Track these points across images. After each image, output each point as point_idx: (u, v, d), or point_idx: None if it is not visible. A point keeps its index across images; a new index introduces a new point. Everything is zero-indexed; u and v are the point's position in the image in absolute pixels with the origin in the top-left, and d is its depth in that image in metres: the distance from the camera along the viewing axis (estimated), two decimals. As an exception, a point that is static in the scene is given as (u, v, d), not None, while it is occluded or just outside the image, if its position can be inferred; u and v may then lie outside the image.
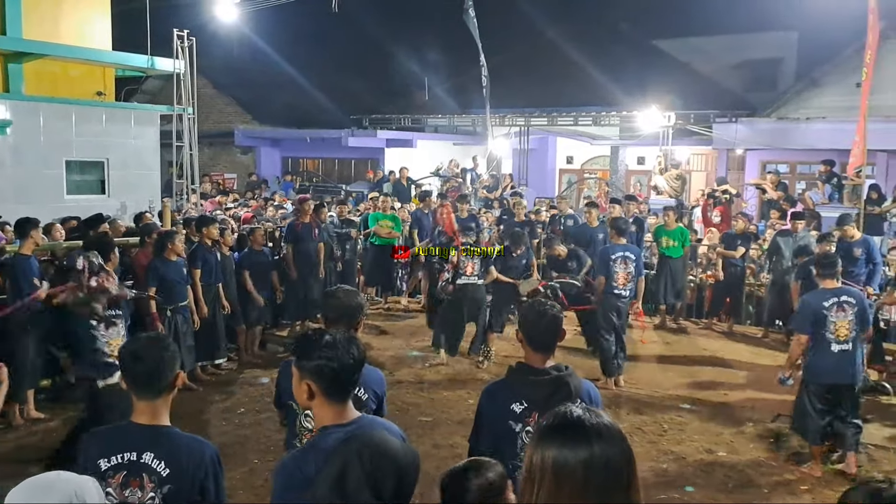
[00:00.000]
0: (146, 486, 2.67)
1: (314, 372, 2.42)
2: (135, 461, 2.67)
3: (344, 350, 2.45)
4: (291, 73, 23.32)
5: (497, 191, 16.85)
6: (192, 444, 2.76)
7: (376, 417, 2.73)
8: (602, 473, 1.66)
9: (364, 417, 2.57)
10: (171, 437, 2.74)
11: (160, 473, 2.67)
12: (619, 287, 8.23)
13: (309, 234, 10.07)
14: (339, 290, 3.53)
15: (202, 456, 2.73)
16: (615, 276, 8.21)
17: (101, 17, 14.20)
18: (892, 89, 15.41)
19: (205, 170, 20.51)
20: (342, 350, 2.44)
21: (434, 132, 23.35)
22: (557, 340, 3.21)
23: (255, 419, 7.28)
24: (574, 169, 23.61)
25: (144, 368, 2.71)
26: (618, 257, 8.24)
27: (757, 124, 17.59)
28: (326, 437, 2.42)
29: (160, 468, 2.67)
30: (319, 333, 2.52)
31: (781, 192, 14.57)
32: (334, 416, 2.47)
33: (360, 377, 3.12)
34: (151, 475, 2.67)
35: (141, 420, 2.74)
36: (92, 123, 13.09)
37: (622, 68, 20.78)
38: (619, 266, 8.21)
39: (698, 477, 6.12)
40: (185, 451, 2.71)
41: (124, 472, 2.67)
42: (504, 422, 3.13)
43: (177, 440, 2.74)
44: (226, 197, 16.65)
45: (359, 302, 3.46)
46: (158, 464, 2.67)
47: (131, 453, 2.68)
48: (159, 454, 2.68)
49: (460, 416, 7.14)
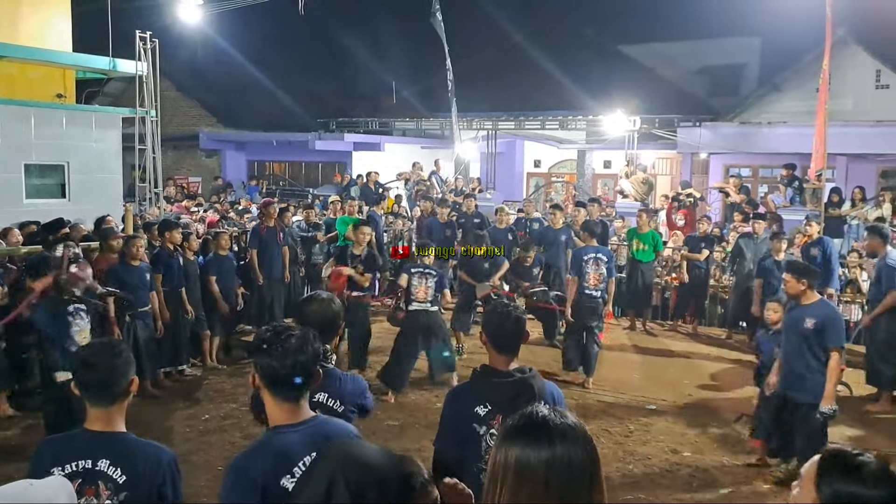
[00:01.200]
0: (102, 493, 2.61)
1: (257, 367, 2.45)
2: (90, 468, 2.62)
3: (288, 351, 2.42)
4: (257, 76, 23.16)
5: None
6: (149, 450, 2.71)
7: (330, 418, 2.67)
8: (564, 473, 1.66)
9: (318, 418, 2.54)
10: (127, 444, 2.69)
11: (116, 480, 2.61)
12: (590, 288, 8.34)
13: (273, 239, 9.97)
14: (315, 298, 3.43)
15: (159, 461, 2.68)
16: (587, 276, 8.33)
17: (61, 18, 13.95)
18: (851, 94, 15.75)
19: (169, 173, 20.26)
20: (285, 350, 2.42)
21: (402, 136, 23.33)
22: (521, 342, 3.21)
23: (219, 425, 7.19)
24: (542, 172, 23.73)
25: (96, 376, 2.66)
26: (590, 258, 8.36)
27: (720, 129, 17.84)
28: (276, 437, 2.42)
29: (116, 475, 2.61)
30: (275, 329, 2.50)
31: (744, 196, 14.77)
32: (285, 415, 2.46)
33: (333, 387, 3.10)
34: (107, 482, 2.61)
35: (95, 427, 2.68)
36: (52, 126, 12.83)
37: (588, 73, 20.97)
38: (591, 267, 8.33)
39: (664, 477, 6.16)
40: (142, 457, 2.66)
41: (79, 480, 2.60)
42: (468, 424, 3.11)
43: (132, 446, 2.69)
44: (191, 201, 16.46)
45: (336, 309, 3.39)
46: (114, 471, 2.62)
47: (86, 461, 2.62)
48: (115, 461, 2.62)
49: (428, 420, 7.11)
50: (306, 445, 2.42)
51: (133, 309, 7.79)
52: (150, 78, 14.68)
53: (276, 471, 2.39)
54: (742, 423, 7.13)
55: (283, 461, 2.40)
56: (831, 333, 5.55)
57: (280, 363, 2.41)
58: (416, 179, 18.11)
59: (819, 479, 1.79)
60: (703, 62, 22.21)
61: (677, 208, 14.32)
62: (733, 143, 17.43)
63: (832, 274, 9.37)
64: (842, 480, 1.76)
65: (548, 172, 23.65)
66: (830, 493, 1.76)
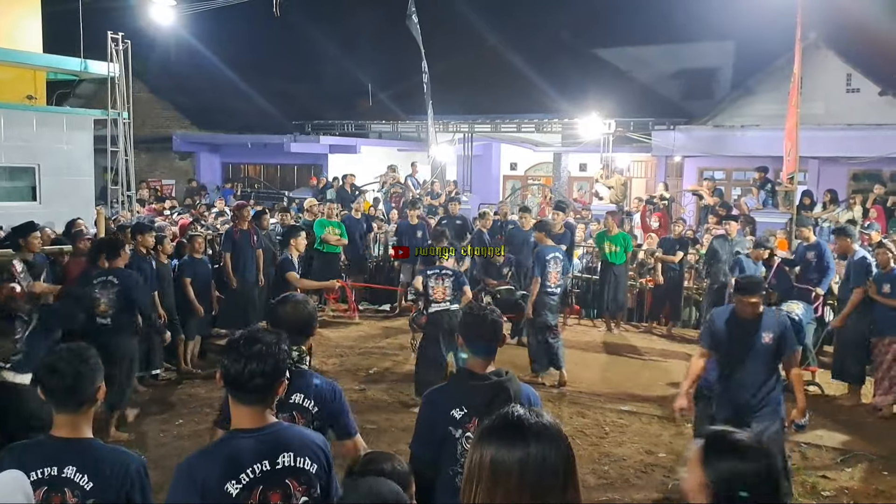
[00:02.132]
0: (69, 500, 2.57)
1: (222, 368, 2.44)
2: (56, 475, 2.57)
3: (251, 356, 2.40)
4: (231, 78, 22.97)
5: (441, 197, 16.86)
6: (117, 456, 2.67)
7: (292, 426, 2.66)
8: (537, 473, 1.67)
9: (279, 425, 2.52)
10: (94, 450, 2.65)
11: (83, 487, 2.57)
12: (551, 286, 8.58)
13: (247, 242, 9.89)
14: (289, 300, 3.37)
15: (127, 468, 2.64)
16: (549, 275, 8.56)
17: (32, 19, 13.76)
18: (822, 98, 15.95)
19: (142, 176, 20.06)
20: (249, 355, 2.40)
21: (378, 138, 23.27)
22: (498, 345, 3.20)
23: (193, 430, 7.12)
24: (518, 175, 23.79)
25: (61, 382, 2.62)
26: (551, 258, 8.62)
27: (694, 132, 17.99)
28: (231, 441, 2.42)
29: (83, 482, 2.57)
30: (246, 334, 2.48)
31: (718, 198, 14.91)
32: (245, 419, 2.45)
33: (307, 388, 3.09)
34: (74, 489, 2.57)
35: (61, 433, 2.64)
36: (22, 128, 12.65)
37: (564, 76, 21.05)
38: (551, 266, 8.59)
39: (638, 478, 6.18)
40: (109, 464, 2.62)
41: (45, 487, 2.57)
42: (444, 427, 3.10)
43: (100, 452, 2.65)
44: (161, 203, 16.30)
45: (310, 312, 3.35)
46: (81, 477, 2.58)
47: (52, 468, 2.58)
48: (82, 467, 2.58)
49: (405, 423, 7.08)
50: (258, 453, 2.41)
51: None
52: (122, 79, 14.54)
53: (222, 475, 2.37)
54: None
55: (230, 466, 2.38)
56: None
57: (241, 367, 2.39)
58: (392, 182, 18.09)
59: (704, 460, 1.93)
60: (678, 66, 22.40)
61: (651, 211, 14.43)
62: (707, 146, 17.59)
63: (827, 276, 9.46)
64: (723, 459, 1.91)
65: (524, 175, 23.71)
66: (714, 472, 1.89)
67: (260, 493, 2.39)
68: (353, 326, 11.16)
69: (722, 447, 1.94)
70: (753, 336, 5.08)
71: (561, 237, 10.61)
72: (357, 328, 11.04)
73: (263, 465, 2.40)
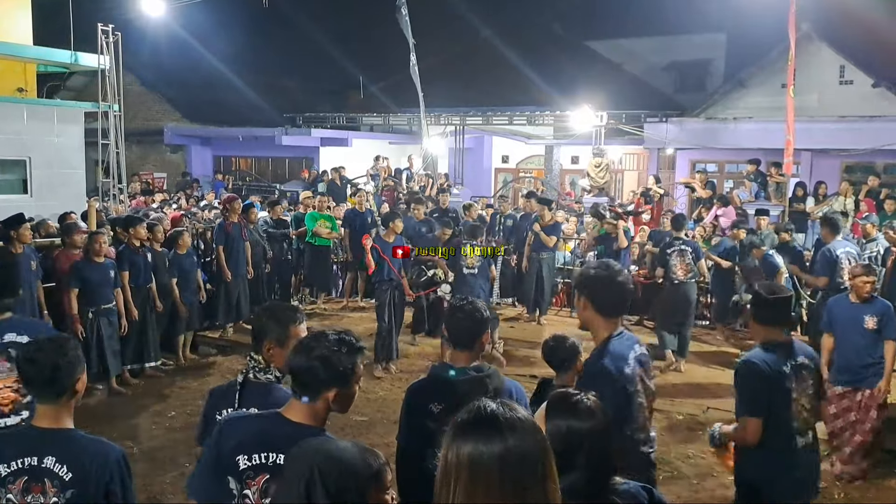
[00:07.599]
0: (48, 490, 2.57)
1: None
2: (35, 466, 2.58)
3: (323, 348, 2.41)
4: (223, 71, 22.88)
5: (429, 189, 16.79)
6: (96, 447, 2.66)
7: None
8: (518, 467, 1.62)
9: None
10: (74, 440, 2.65)
11: (62, 478, 2.57)
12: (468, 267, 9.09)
13: (239, 235, 9.89)
14: (270, 306, 3.28)
15: (106, 458, 2.64)
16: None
17: (22, 10, 13.66)
18: (816, 90, 15.95)
19: (133, 169, 19.99)
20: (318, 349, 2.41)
21: (370, 131, 23.24)
22: (479, 339, 3.17)
23: (186, 422, 7.10)
24: (510, 168, 23.78)
25: (39, 373, 2.62)
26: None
27: (686, 124, 17.99)
28: None
29: (62, 472, 2.57)
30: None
31: (710, 191, 14.93)
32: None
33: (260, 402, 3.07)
34: (53, 480, 2.57)
35: (42, 423, 2.65)
36: (12, 121, 12.57)
37: (556, 69, 21.02)
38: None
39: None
40: (89, 454, 2.62)
41: (24, 477, 2.57)
42: (423, 421, 3.09)
43: (79, 443, 2.65)
44: (150, 196, 16.23)
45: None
46: (60, 468, 2.58)
47: (31, 458, 2.58)
48: (61, 458, 2.59)
49: (395, 416, 6.98)
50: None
51: (96, 305, 7.73)
52: (112, 72, 14.46)
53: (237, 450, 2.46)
54: (708, 415, 7.21)
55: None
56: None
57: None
58: (385, 175, 18.03)
59: (547, 417, 2.13)
60: (670, 58, 22.40)
61: (645, 203, 14.43)
62: (699, 139, 17.59)
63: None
64: (562, 416, 2.13)
65: (516, 168, 23.70)
66: (554, 427, 2.09)
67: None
68: (346, 320, 11.15)
69: (563, 406, 2.16)
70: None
71: (552, 228, 10.62)
72: (349, 321, 11.02)
73: (286, 457, 2.37)
